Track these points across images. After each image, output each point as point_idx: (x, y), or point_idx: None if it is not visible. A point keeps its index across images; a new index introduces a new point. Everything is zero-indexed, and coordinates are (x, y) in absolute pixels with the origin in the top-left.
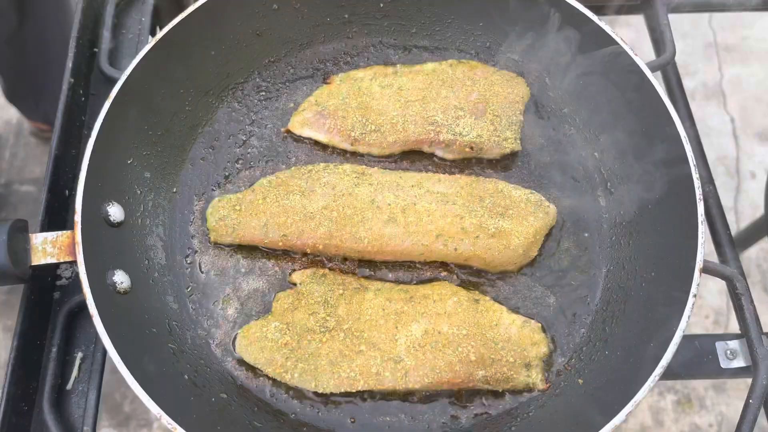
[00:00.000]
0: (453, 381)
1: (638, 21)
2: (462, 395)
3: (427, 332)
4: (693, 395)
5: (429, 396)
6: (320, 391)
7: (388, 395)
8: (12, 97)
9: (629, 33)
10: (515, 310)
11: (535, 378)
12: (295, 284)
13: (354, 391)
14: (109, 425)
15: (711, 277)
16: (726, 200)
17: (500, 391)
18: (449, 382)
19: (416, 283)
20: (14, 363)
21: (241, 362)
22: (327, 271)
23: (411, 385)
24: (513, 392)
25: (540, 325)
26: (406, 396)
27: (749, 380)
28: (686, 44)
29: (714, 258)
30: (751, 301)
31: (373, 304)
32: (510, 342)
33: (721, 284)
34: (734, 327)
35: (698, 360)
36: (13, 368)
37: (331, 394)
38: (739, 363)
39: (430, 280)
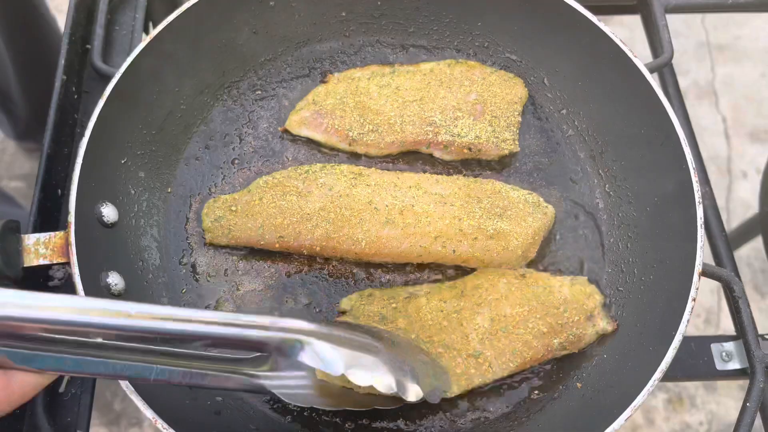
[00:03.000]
0: (535, 357)
1: (632, 20)
2: (461, 399)
3: (493, 320)
4: (684, 394)
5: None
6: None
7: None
8: (25, 134)
9: (623, 32)
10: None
11: (604, 324)
12: (344, 312)
13: (451, 397)
14: (100, 423)
15: (704, 277)
16: (717, 200)
17: (577, 351)
18: (532, 359)
19: (461, 276)
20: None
21: None
22: (372, 290)
23: (499, 373)
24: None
25: (585, 278)
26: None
27: (741, 381)
28: (679, 43)
29: (709, 259)
30: (748, 304)
31: (429, 309)
32: (568, 303)
33: (713, 283)
34: (725, 326)
35: (693, 361)
36: None
37: None
38: (734, 365)
39: (427, 280)
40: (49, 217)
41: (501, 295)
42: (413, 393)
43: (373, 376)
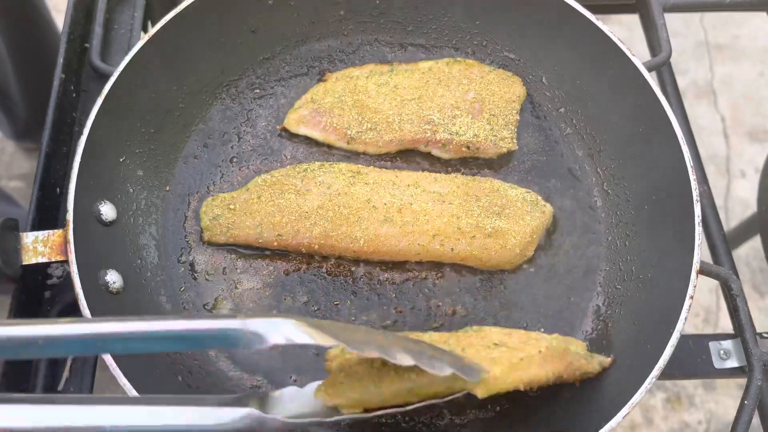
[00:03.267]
0: (573, 363)
1: (630, 19)
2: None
3: (509, 334)
4: (683, 393)
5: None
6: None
7: None
8: (24, 133)
9: (621, 31)
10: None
11: (602, 360)
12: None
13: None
14: None
15: (702, 275)
16: (716, 199)
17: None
18: (570, 363)
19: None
20: (5, 364)
21: (236, 362)
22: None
23: (536, 347)
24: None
25: (556, 334)
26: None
27: (739, 379)
28: (677, 43)
29: (707, 258)
30: (746, 303)
31: (432, 340)
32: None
33: (711, 282)
34: (724, 324)
35: (691, 360)
36: (4, 370)
37: None
38: (732, 363)
39: (425, 278)
40: (47, 216)
41: (492, 332)
42: (439, 365)
43: (382, 347)
